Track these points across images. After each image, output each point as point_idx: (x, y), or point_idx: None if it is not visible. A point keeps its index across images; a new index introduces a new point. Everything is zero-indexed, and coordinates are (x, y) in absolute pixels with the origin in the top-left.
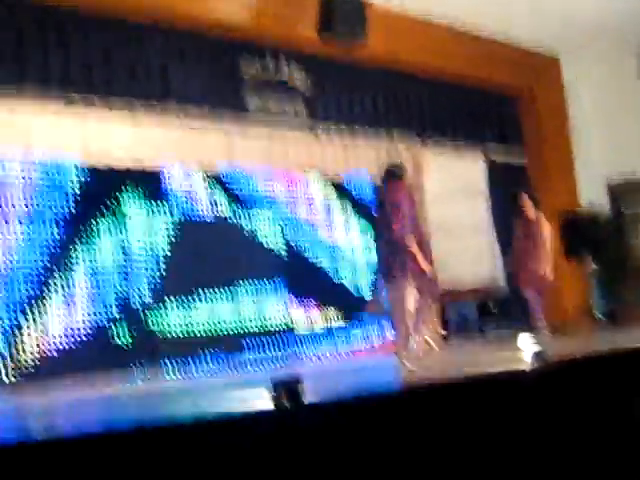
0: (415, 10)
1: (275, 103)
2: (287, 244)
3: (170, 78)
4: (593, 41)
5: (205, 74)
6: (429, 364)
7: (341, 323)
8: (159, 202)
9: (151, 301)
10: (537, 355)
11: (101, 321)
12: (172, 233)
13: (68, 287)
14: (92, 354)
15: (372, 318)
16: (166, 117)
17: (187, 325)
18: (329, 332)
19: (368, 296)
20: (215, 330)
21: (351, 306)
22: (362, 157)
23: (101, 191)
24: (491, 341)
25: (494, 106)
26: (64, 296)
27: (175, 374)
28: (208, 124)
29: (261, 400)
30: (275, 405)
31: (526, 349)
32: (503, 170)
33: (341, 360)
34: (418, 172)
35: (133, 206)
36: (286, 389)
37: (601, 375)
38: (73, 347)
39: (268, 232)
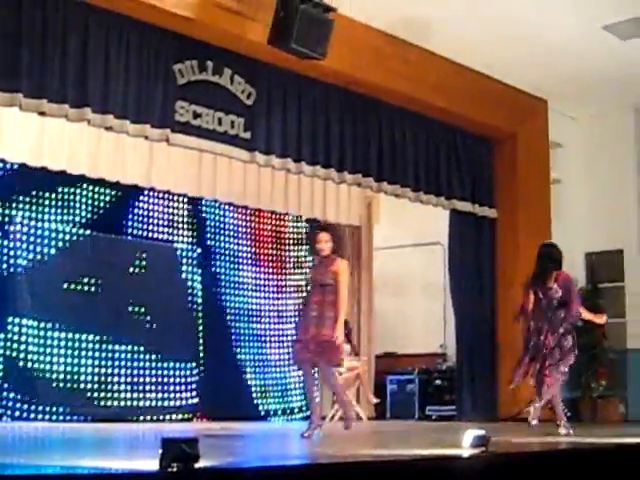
0: (388, 28)
1: (210, 111)
2: None
3: (88, 76)
4: (586, 92)
5: (131, 75)
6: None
7: None
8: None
9: None
10: (477, 440)
11: None
12: None
13: None
14: None
15: None
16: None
17: None
18: None
19: None
20: None
21: None
22: (304, 197)
23: None
24: (431, 420)
25: (466, 147)
26: None
27: None
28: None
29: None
30: (161, 466)
31: (467, 434)
32: (468, 222)
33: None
34: (370, 219)
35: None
36: (178, 450)
37: (543, 474)
38: None
39: None
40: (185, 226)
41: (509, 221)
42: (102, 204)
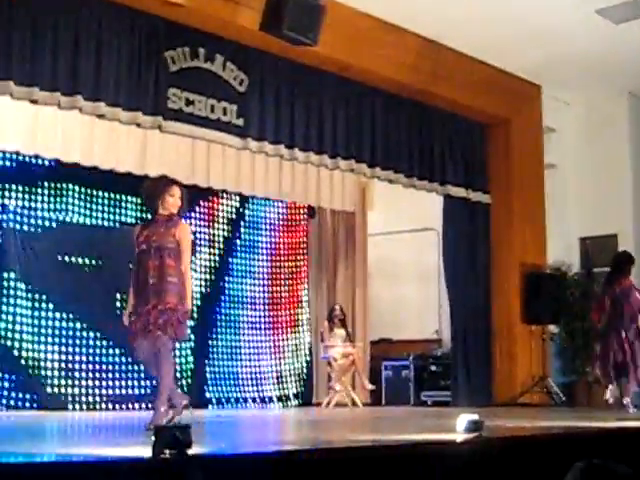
0: (381, 14)
1: (202, 98)
2: None
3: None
4: (580, 77)
5: (123, 62)
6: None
7: None
8: None
9: None
10: (471, 425)
11: None
12: None
13: None
14: None
15: None
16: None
17: None
18: None
19: None
20: None
21: None
22: (297, 183)
23: None
24: (427, 405)
25: (460, 132)
26: None
27: None
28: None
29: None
30: (153, 453)
31: (461, 419)
32: (462, 207)
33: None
34: (363, 205)
35: None
36: (171, 437)
37: (537, 458)
38: None
39: None
40: None
41: (503, 206)
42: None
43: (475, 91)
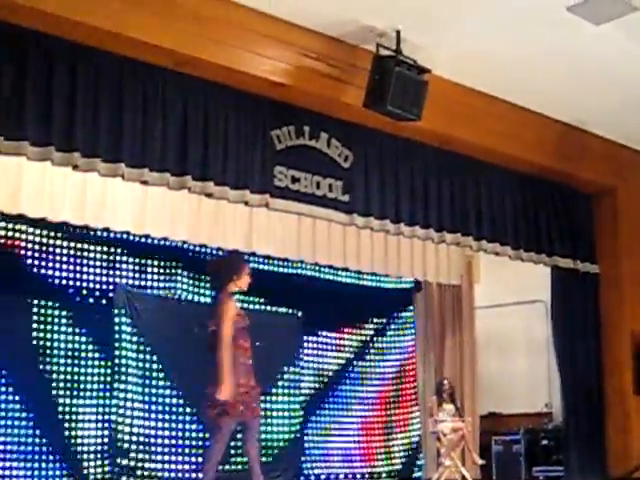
0: (482, 87)
1: (308, 175)
2: None
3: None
4: None
5: (230, 142)
6: None
7: None
8: None
9: None
10: None
11: None
12: None
13: None
14: None
15: None
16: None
17: None
18: None
19: None
20: None
21: None
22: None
23: None
24: None
25: (566, 203)
26: None
27: None
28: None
29: None
30: None
31: None
32: (570, 278)
33: None
34: (470, 278)
35: None
36: None
37: None
38: None
39: None
40: None
41: (612, 275)
42: None
43: (579, 161)
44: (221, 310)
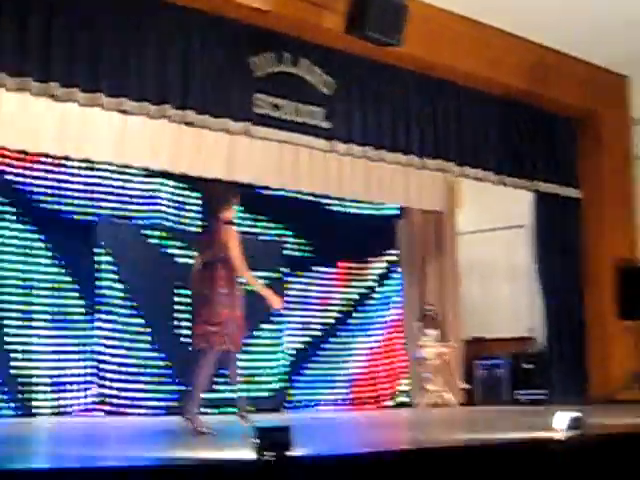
0: (464, 11)
1: (288, 102)
2: None
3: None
4: None
5: (209, 70)
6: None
7: None
8: None
9: None
10: (573, 422)
11: None
12: None
13: None
14: None
15: None
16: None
17: None
18: None
19: None
20: None
21: None
22: (386, 185)
23: None
24: (522, 404)
25: (548, 128)
26: None
27: None
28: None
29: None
30: (258, 455)
31: (561, 416)
32: (552, 203)
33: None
34: (452, 204)
35: None
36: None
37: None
38: None
39: None
40: None
41: (594, 200)
42: None
43: (562, 85)
44: (224, 237)
